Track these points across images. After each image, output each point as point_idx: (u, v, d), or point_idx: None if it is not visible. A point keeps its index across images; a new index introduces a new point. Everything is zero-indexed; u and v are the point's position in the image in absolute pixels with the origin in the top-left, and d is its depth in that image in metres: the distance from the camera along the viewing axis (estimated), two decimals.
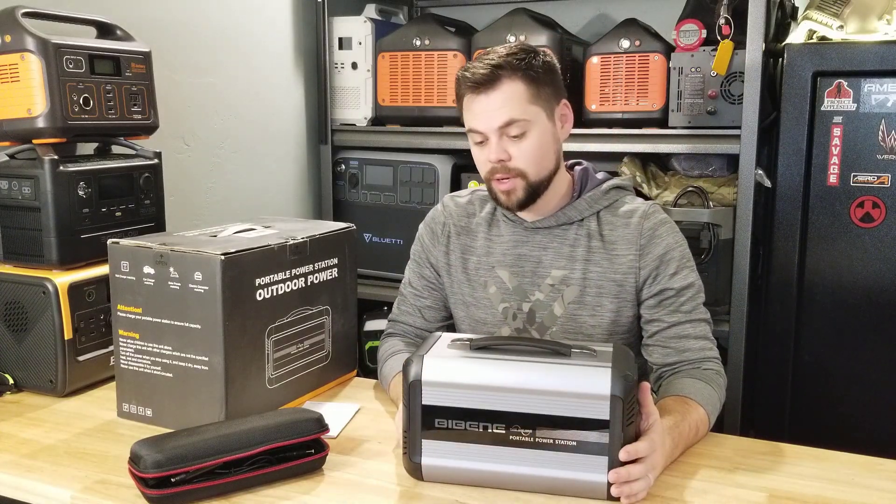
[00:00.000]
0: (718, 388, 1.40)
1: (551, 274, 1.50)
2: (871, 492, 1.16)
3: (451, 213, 1.62)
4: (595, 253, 1.48)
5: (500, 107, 1.40)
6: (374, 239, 2.66)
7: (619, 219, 1.49)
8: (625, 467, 1.10)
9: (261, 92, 2.47)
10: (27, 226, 1.54)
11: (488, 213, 1.59)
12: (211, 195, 2.29)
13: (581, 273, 1.48)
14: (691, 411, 1.31)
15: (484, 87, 1.40)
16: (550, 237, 1.51)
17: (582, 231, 1.50)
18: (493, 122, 1.41)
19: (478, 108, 1.42)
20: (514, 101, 1.41)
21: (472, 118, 1.44)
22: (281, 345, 1.42)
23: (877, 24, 2.06)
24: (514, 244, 1.53)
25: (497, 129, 1.41)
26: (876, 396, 2.10)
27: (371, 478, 1.20)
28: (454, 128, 2.54)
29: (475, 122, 1.43)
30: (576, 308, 1.49)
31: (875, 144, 2.04)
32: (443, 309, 1.64)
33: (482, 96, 1.41)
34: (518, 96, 1.41)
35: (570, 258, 1.49)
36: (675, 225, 1.51)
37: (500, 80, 1.40)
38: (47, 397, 1.50)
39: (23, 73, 1.52)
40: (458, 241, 1.59)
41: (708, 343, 1.46)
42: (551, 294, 1.50)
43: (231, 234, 1.46)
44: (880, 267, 2.07)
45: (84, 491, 1.15)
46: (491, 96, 1.40)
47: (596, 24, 2.75)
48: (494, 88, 1.40)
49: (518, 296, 1.52)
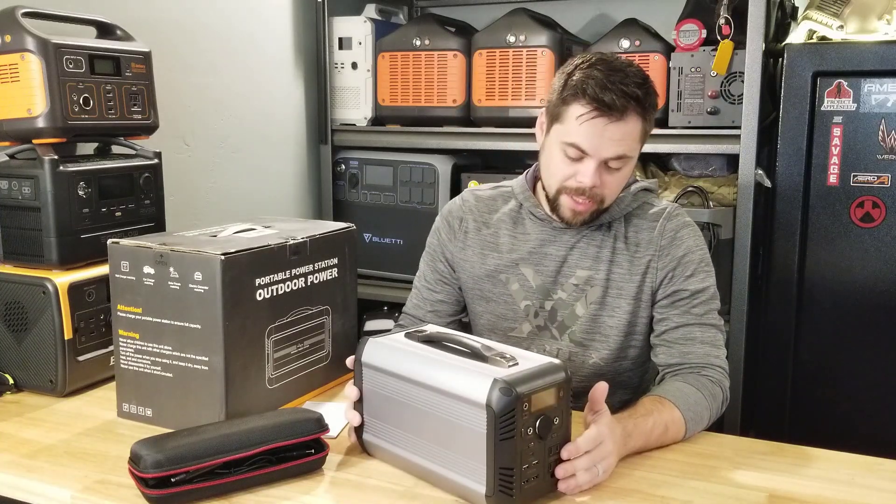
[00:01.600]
0: (710, 397, 1.37)
1: (576, 274, 1.50)
2: (871, 492, 1.16)
3: (471, 209, 1.61)
4: (619, 254, 1.48)
5: (619, 139, 1.37)
6: (374, 239, 2.66)
7: (644, 221, 1.50)
8: (570, 462, 1.09)
9: (261, 92, 2.47)
10: (27, 226, 1.54)
11: (513, 210, 1.58)
12: (211, 195, 2.29)
13: (605, 274, 1.48)
14: (663, 410, 1.29)
15: (610, 114, 1.35)
16: (578, 237, 1.51)
17: (609, 233, 1.50)
18: (606, 152, 1.37)
19: (595, 131, 1.36)
20: (632, 137, 1.38)
21: (582, 137, 1.37)
22: (281, 345, 1.42)
23: (877, 24, 2.06)
24: (541, 242, 1.53)
25: (607, 158, 1.38)
26: (876, 396, 2.10)
27: (371, 478, 1.20)
28: (454, 128, 2.54)
29: (585, 143, 1.37)
30: (597, 308, 1.49)
31: (875, 144, 2.04)
32: (455, 304, 1.63)
33: (603, 120, 1.35)
34: (636, 134, 1.39)
35: (595, 259, 1.49)
36: (696, 228, 1.51)
37: (627, 113, 1.35)
38: (47, 397, 1.50)
39: (23, 73, 1.52)
40: (477, 237, 1.59)
41: (714, 350, 1.44)
42: (574, 294, 1.50)
43: (231, 234, 1.46)
44: (880, 267, 2.07)
45: (84, 491, 1.15)
46: (614, 125, 1.35)
47: (596, 24, 2.75)
48: (621, 119, 1.35)
49: (541, 294, 1.52)
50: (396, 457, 1.21)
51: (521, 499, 1.06)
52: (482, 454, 1.05)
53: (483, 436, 1.05)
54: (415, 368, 1.16)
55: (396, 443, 1.20)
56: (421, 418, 1.15)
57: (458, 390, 1.09)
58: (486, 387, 1.04)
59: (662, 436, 1.28)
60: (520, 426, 1.04)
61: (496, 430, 1.03)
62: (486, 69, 2.45)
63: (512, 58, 2.41)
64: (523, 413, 1.04)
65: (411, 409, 1.16)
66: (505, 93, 2.43)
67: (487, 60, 2.45)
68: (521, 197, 1.57)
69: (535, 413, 1.05)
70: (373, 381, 1.23)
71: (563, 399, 1.08)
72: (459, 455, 1.09)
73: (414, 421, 1.16)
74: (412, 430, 1.17)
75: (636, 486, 1.17)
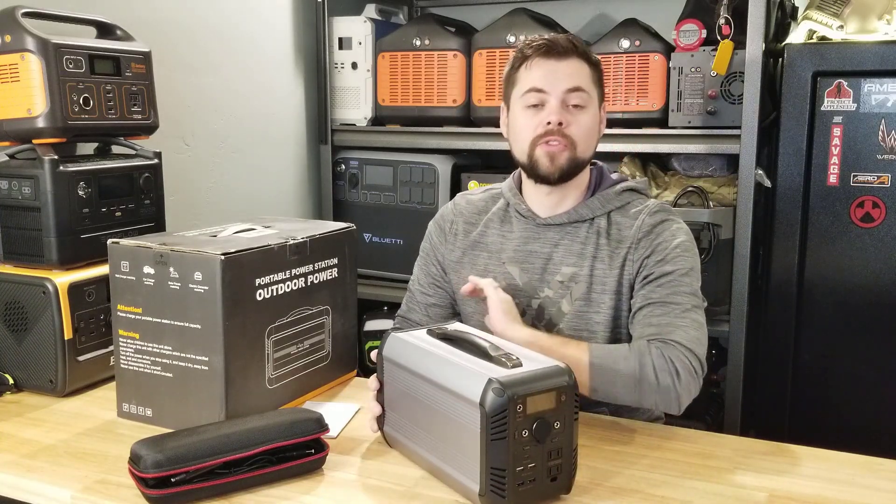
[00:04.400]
0: (638, 354, 1.33)
1: (561, 271, 1.50)
2: (871, 492, 1.16)
3: (462, 212, 1.63)
4: (601, 250, 1.49)
5: (571, 73, 1.46)
6: (374, 239, 2.66)
7: (627, 219, 1.50)
8: None
9: (261, 92, 2.47)
10: (27, 226, 1.54)
11: (500, 209, 1.59)
12: (211, 195, 2.29)
13: (588, 270, 1.48)
14: (570, 342, 1.38)
15: (557, 53, 1.45)
16: (562, 234, 1.52)
17: (592, 229, 1.50)
18: (562, 84, 1.45)
19: (547, 69, 1.46)
20: (583, 74, 1.47)
21: (537, 78, 1.46)
22: (281, 345, 1.42)
23: (877, 24, 2.06)
24: (525, 240, 1.54)
25: (564, 90, 1.45)
26: (876, 396, 2.10)
27: (371, 478, 1.20)
28: (454, 128, 2.54)
29: (541, 82, 1.46)
30: (582, 305, 1.49)
31: (875, 144, 2.04)
32: (448, 307, 1.64)
33: (553, 60, 1.46)
34: (585, 73, 1.48)
35: (579, 255, 1.50)
36: (679, 222, 1.50)
37: (573, 53, 1.47)
38: (47, 397, 1.50)
39: (23, 73, 1.52)
40: (466, 239, 1.60)
41: (668, 328, 1.37)
42: (560, 291, 1.50)
43: (231, 234, 1.46)
44: (880, 267, 2.07)
45: (84, 491, 1.15)
46: (563, 62, 1.46)
47: (596, 24, 2.75)
48: (568, 57, 1.46)
49: (528, 292, 1.52)
50: (410, 450, 1.23)
51: (514, 500, 1.05)
52: (477, 453, 1.06)
53: (478, 434, 1.05)
54: (424, 364, 1.18)
55: (410, 437, 1.22)
56: (429, 414, 1.16)
57: (457, 388, 1.09)
58: (482, 386, 1.05)
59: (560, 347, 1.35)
60: (513, 428, 1.04)
61: (488, 430, 1.04)
62: (486, 69, 2.45)
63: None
64: (517, 415, 1.04)
65: (421, 405, 1.18)
66: None
67: (487, 60, 2.45)
68: (509, 195, 1.58)
69: (531, 416, 1.05)
70: (392, 375, 1.25)
71: (564, 403, 1.08)
72: (459, 452, 1.10)
73: (424, 416, 1.17)
74: (422, 425, 1.18)
75: (636, 486, 1.17)
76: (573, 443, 1.10)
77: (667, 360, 1.33)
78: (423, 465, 1.21)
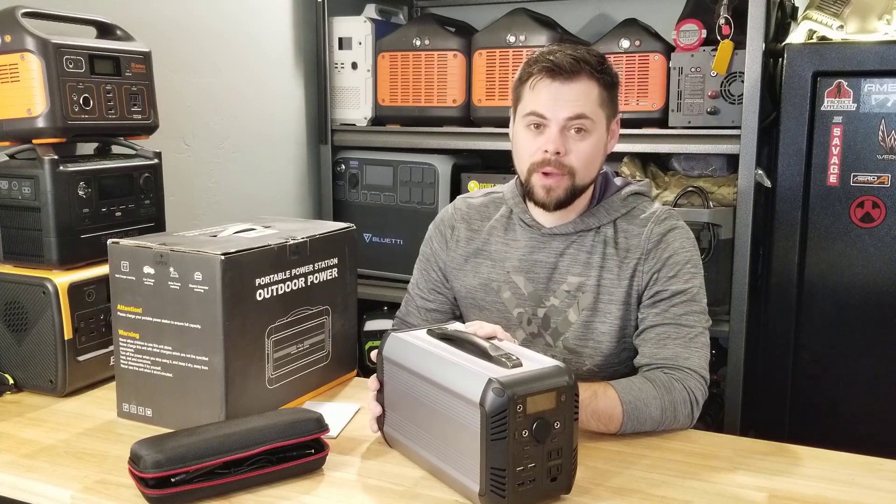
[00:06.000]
0: (663, 388, 1.34)
1: (567, 280, 1.49)
2: (871, 492, 1.16)
3: (463, 217, 1.61)
4: (609, 260, 1.47)
5: (574, 99, 1.39)
6: (374, 239, 2.66)
7: (634, 227, 1.49)
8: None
9: (261, 92, 2.47)
10: (27, 226, 1.54)
11: (504, 217, 1.57)
12: (211, 195, 2.29)
13: (595, 280, 1.47)
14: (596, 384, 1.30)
15: (564, 75, 1.39)
16: (567, 243, 1.50)
17: (599, 238, 1.49)
18: (563, 112, 1.39)
19: (550, 93, 1.40)
20: (589, 98, 1.41)
21: (539, 102, 1.41)
22: (281, 345, 1.42)
23: (877, 24, 2.06)
24: (531, 250, 1.52)
25: (565, 119, 1.40)
26: (876, 396, 2.10)
27: (371, 478, 1.20)
28: (454, 128, 2.54)
29: (542, 107, 1.40)
30: (588, 315, 1.48)
31: (875, 144, 2.04)
32: (448, 312, 1.63)
33: (558, 83, 1.39)
34: (592, 96, 1.41)
35: (586, 265, 1.48)
36: (686, 230, 1.49)
37: (580, 74, 1.39)
38: (47, 397, 1.50)
39: (23, 73, 1.52)
40: (468, 246, 1.58)
41: (685, 352, 1.40)
42: (566, 300, 1.49)
43: (231, 234, 1.46)
44: (880, 267, 2.07)
45: (84, 491, 1.15)
46: (568, 86, 1.39)
47: (596, 24, 2.75)
48: (574, 80, 1.39)
49: (533, 301, 1.51)
50: (410, 450, 1.22)
51: (514, 500, 1.05)
52: (477, 453, 1.06)
53: (478, 434, 1.05)
54: (424, 364, 1.18)
55: (410, 437, 1.22)
56: (429, 414, 1.16)
57: (457, 388, 1.09)
58: (482, 386, 1.04)
59: (590, 399, 1.27)
60: (513, 428, 1.04)
61: (488, 430, 1.04)
62: (486, 69, 2.45)
63: (512, 58, 2.41)
64: (517, 415, 1.04)
65: (421, 405, 1.18)
66: (505, 93, 2.42)
67: (487, 60, 2.45)
68: (512, 203, 1.56)
69: (531, 416, 1.05)
70: (392, 375, 1.25)
71: (564, 403, 1.08)
72: (459, 452, 1.10)
73: (424, 416, 1.17)
74: (422, 425, 1.18)
75: (636, 486, 1.17)
76: (573, 443, 1.10)
77: (688, 391, 1.37)
78: (423, 466, 1.21)
